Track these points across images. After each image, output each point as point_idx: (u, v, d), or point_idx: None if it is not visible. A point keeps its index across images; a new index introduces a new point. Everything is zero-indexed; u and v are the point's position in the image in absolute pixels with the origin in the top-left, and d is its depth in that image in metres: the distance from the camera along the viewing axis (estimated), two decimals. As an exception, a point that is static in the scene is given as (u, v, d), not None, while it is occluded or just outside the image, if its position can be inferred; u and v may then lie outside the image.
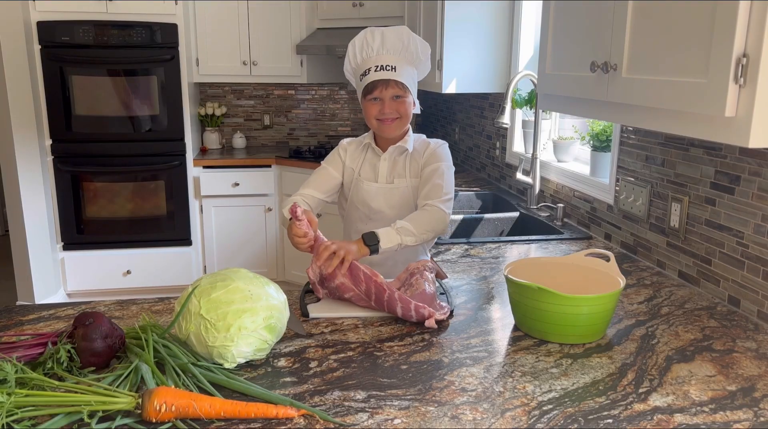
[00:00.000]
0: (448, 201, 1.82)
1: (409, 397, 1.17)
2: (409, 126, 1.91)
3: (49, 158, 3.99)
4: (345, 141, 1.99)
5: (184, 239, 4.27)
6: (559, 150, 2.76)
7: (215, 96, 4.84)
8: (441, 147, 1.92)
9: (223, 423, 1.08)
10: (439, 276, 1.83)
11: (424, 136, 1.97)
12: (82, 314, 1.25)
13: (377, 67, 1.79)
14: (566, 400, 1.16)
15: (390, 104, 1.81)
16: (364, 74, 1.81)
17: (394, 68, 1.79)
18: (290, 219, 1.62)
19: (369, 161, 1.94)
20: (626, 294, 1.72)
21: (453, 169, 1.91)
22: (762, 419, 1.10)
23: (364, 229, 1.93)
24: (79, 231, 4.12)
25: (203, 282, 1.30)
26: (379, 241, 1.65)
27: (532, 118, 2.87)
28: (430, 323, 1.46)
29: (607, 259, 1.54)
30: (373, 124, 1.87)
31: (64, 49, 3.85)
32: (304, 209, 1.60)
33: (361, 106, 1.89)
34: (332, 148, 4.86)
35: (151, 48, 3.96)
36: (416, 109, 1.87)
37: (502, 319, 1.56)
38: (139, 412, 1.07)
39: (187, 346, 1.28)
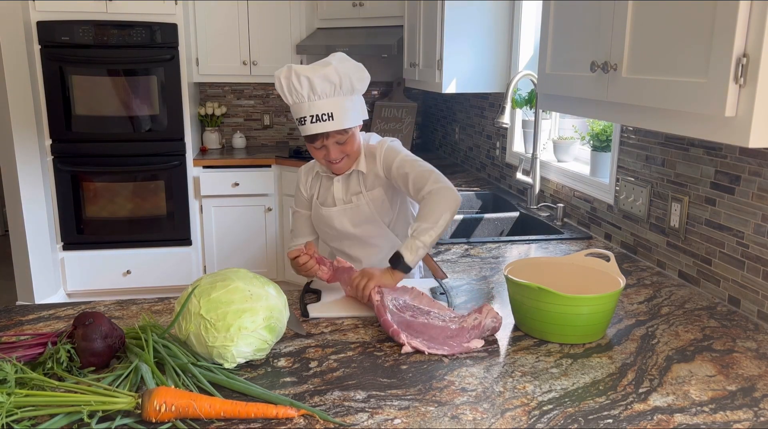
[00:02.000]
0: (438, 175, 1.71)
1: (409, 397, 1.17)
2: (359, 143, 1.81)
3: (49, 158, 3.98)
4: (303, 171, 1.94)
5: (184, 239, 4.27)
6: (559, 150, 2.76)
7: (215, 96, 4.84)
8: (387, 148, 1.81)
9: (223, 423, 1.08)
10: (439, 276, 1.83)
11: (362, 139, 1.85)
12: (82, 314, 1.25)
13: (312, 117, 1.67)
14: (566, 400, 1.16)
15: (334, 149, 1.74)
16: (301, 122, 1.70)
17: (331, 116, 1.67)
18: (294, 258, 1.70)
19: (324, 186, 1.90)
20: (626, 294, 1.72)
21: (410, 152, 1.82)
22: (762, 419, 1.10)
23: (342, 247, 1.96)
24: (79, 231, 4.12)
25: (203, 282, 1.30)
26: (403, 258, 1.60)
27: (532, 118, 2.87)
28: (405, 349, 1.35)
29: (607, 259, 1.54)
30: (322, 164, 1.83)
31: (64, 49, 3.85)
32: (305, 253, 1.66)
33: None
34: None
35: (151, 48, 3.95)
36: (361, 119, 1.76)
37: (502, 319, 1.55)
38: (139, 412, 1.07)
39: (187, 346, 1.28)
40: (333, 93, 1.67)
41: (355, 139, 1.77)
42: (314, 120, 1.68)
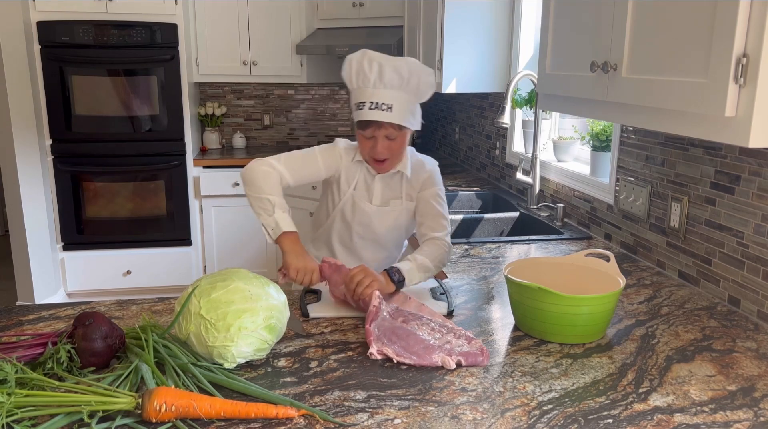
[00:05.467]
0: (449, 232, 1.79)
1: (409, 397, 1.17)
2: (405, 147, 1.81)
3: (49, 158, 3.98)
4: (342, 145, 1.84)
5: (184, 239, 4.27)
6: (559, 150, 2.76)
7: (215, 96, 4.84)
8: (437, 170, 1.87)
9: (223, 423, 1.08)
10: (439, 276, 1.83)
11: (415, 152, 1.89)
12: (82, 314, 1.25)
13: (372, 104, 1.67)
14: (566, 400, 1.16)
15: (382, 144, 1.71)
16: (359, 107, 1.70)
17: (390, 107, 1.67)
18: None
19: (364, 179, 1.85)
20: (626, 294, 1.72)
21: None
22: (762, 419, 1.10)
23: (354, 245, 1.92)
24: (79, 231, 4.12)
25: (203, 282, 1.30)
26: (404, 279, 1.60)
27: (532, 118, 2.87)
28: (371, 353, 1.33)
29: (607, 259, 1.54)
30: (364, 158, 1.80)
31: (64, 49, 3.85)
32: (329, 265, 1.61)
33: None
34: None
35: (151, 48, 3.95)
36: (416, 125, 1.77)
37: (502, 319, 1.56)
38: (139, 412, 1.07)
39: (187, 346, 1.28)
40: (398, 86, 1.68)
41: (404, 142, 1.76)
42: (373, 107, 1.67)
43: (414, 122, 1.74)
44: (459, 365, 1.29)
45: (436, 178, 1.86)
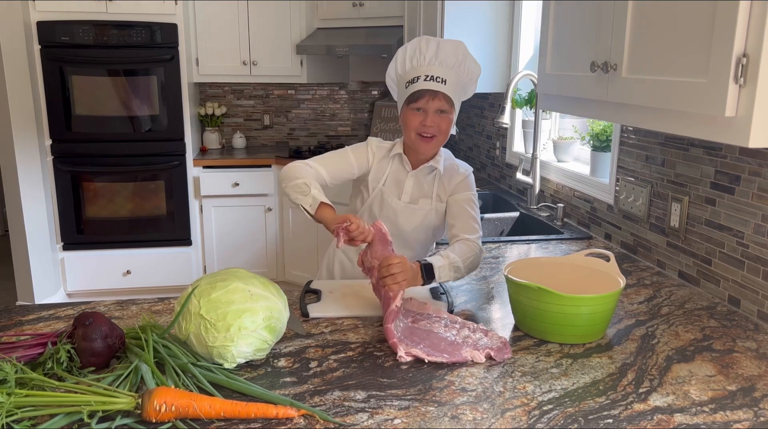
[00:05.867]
0: (481, 237, 1.76)
1: (409, 397, 1.17)
2: (449, 133, 1.80)
3: (49, 158, 3.98)
4: (374, 143, 1.86)
5: (184, 239, 4.27)
6: (559, 150, 2.76)
7: (215, 96, 4.84)
8: (471, 176, 1.86)
9: (223, 423, 1.08)
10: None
11: (450, 155, 1.89)
12: (82, 314, 1.25)
13: (427, 76, 1.70)
14: (566, 400, 1.16)
15: (433, 118, 1.72)
16: (412, 82, 1.73)
17: (445, 81, 1.70)
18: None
19: (394, 174, 1.85)
20: (626, 294, 1.72)
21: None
22: (762, 419, 1.10)
23: None
24: (79, 231, 4.12)
25: (203, 282, 1.30)
26: (434, 277, 1.57)
27: (532, 118, 2.87)
28: (401, 356, 1.32)
29: (607, 259, 1.54)
30: (410, 137, 1.77)
31: (64, 49, 3.85)
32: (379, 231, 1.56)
33: (399, 115, 1.80)
34: (332, 148, 4.83)
35: (150, 48, 3.96)
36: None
37: (502, 319, 1.56)
38: (139, 412, 1.07)
39: (187, 346, 1.28)
40: (453, 65, 1.73)
41: (450, 125, 1.77)
42: (428, 79, 1.71)
43: (457, 110, 1.78)
44: (489, 358, 1.31)
45: (470, 183, 1.85)
